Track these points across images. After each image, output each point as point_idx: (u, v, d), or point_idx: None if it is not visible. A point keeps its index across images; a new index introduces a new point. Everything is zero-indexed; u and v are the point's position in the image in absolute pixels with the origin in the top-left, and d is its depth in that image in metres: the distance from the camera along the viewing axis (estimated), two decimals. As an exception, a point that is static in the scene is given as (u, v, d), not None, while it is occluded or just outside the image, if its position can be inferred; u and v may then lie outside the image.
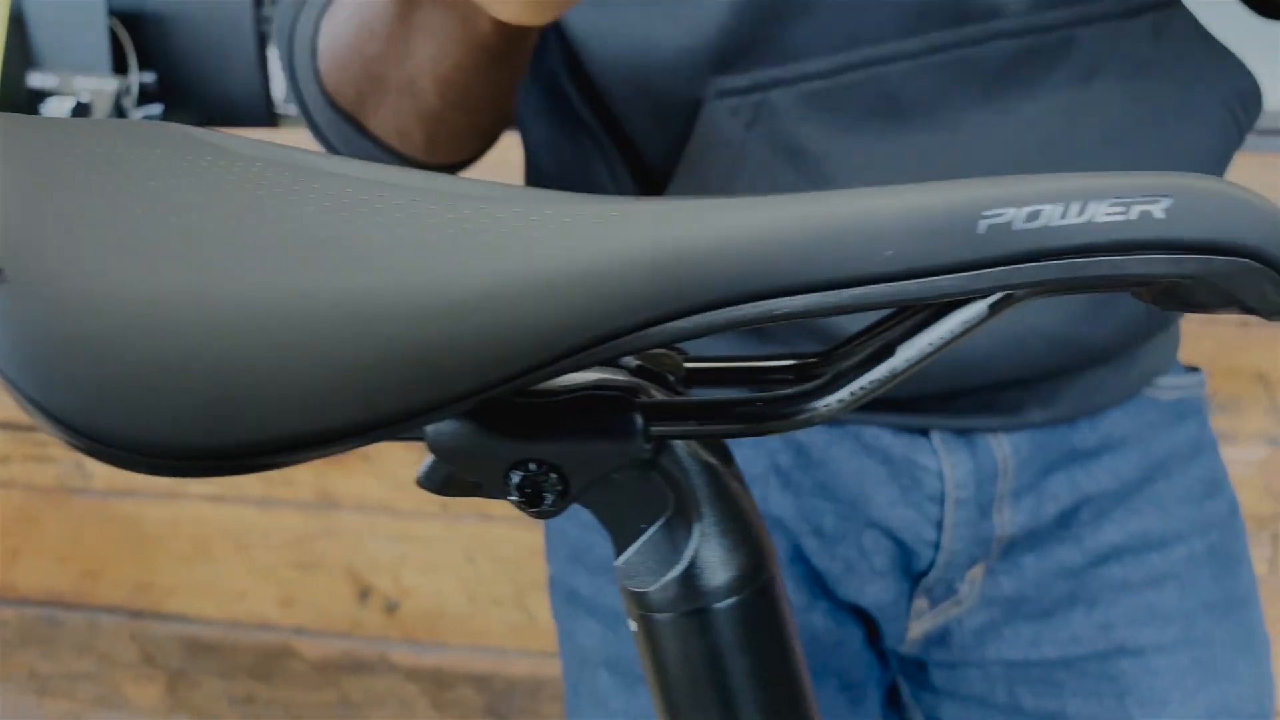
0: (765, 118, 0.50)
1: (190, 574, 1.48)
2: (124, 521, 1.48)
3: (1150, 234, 0.16)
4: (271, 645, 1.46)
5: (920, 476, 0.56)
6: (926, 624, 0.59)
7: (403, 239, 0.15)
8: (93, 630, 1.52)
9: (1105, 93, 0.51)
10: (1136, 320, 0.56)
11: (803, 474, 0.57)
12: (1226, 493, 0.63)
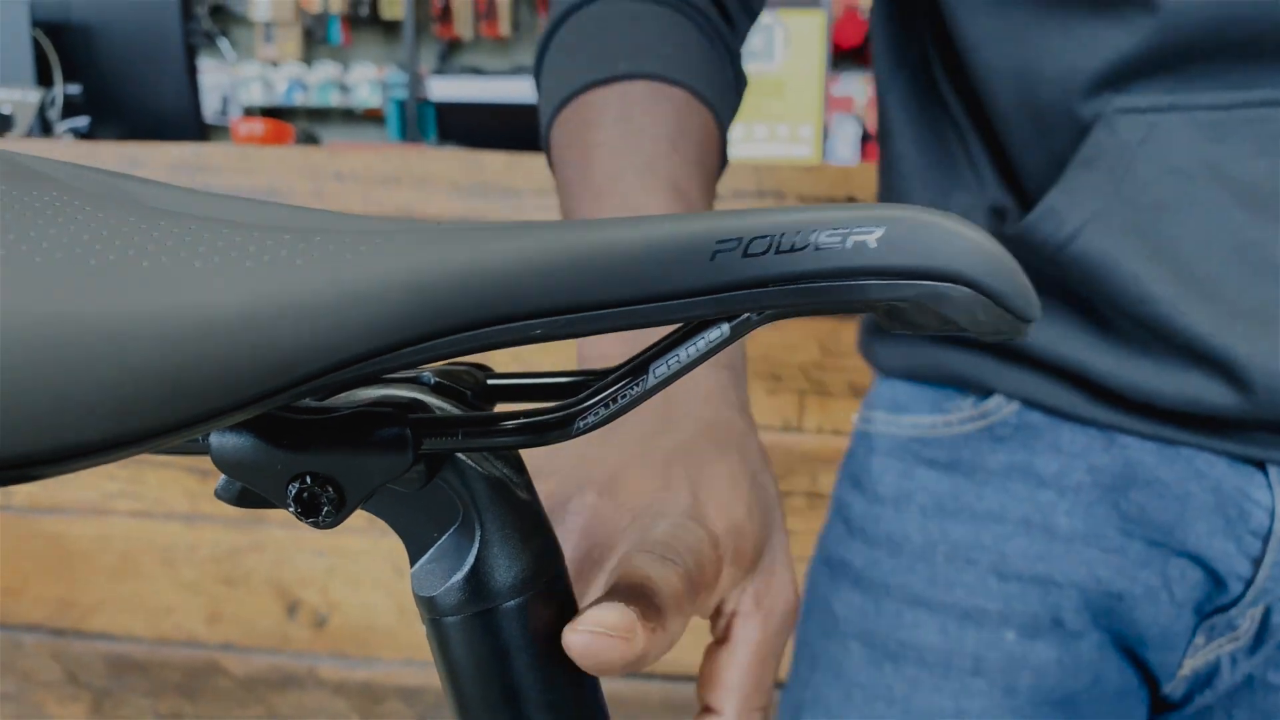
0: (1161, 136, 0.52)
1: (115, 591, 1.46)
2: (47, 538, 1.46)
3: (864, 262, 0.18)
4: (198, 662, 1.45)
5: (1249, 510, 0.55)
6: (1198, 660, 0.58)
7: (167, 266, 0.17)
8: (14, 649, 1.50)
9: None
10: None
11: (1120, 489, 0.57)
12: None
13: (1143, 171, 0.52)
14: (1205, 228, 0.52)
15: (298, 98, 3.29)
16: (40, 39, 1.61)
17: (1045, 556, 0.58)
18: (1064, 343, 0.56)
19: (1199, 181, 0.52)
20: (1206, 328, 0.51)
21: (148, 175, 0.70)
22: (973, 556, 0.59)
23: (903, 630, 0.60)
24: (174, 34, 1.64)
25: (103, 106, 1.68)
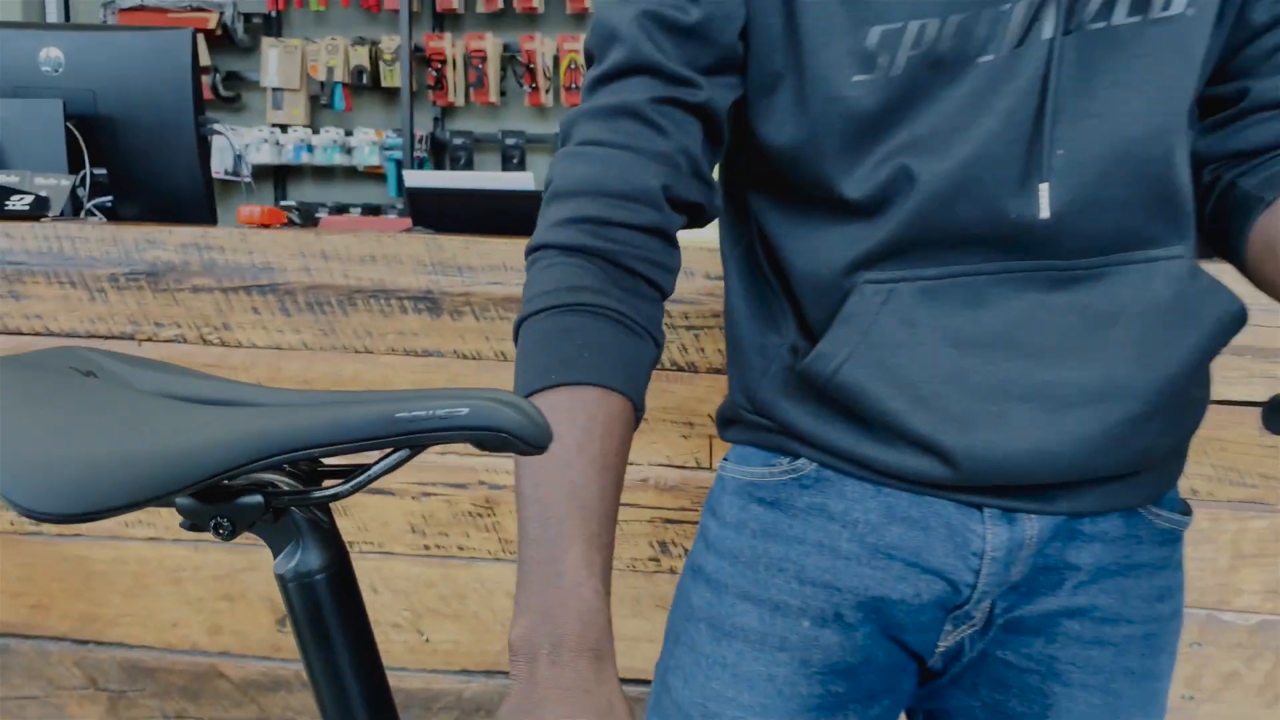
0: (895, 299, 0.74)
1: (130, 606, 1.68)
2: (72, 561, 1.68)
3: (458, 422, 0.41)
4: (201, 668, 1.67)
5: (970, 538, 0.77)
6: (948, 641, 0.81)
7: (132, 426, 0.40)
8: (42, 658, 1.72)
9: (1124, 301, 0.73)
10: (1139, 457, 0.76)
11: (886, 528, 0.79)
12: (1174, 601, 0.85)
13: (883, 323, 0.74)
14: (926, 362, 0.74)
15: (304, 157, 3.55)
16: (72, 130, 1.85)
17: (831, 570, 0.80)
18: (842, 438, 0.78)
19: (921, 330, 0.74)
20: (927, 429, 0.74)
21: (164, 253, 1.01)
22: (783, 567, 0.81)
23: (735, 617, 0.82)
24: (188, 125, 1.87)
25: (125, 187, 1.91)
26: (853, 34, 0.70)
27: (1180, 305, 0.74)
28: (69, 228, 1.61)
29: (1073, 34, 0.70)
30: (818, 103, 0.72)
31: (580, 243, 0.69)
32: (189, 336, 1.61)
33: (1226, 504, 1.46)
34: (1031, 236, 0.73)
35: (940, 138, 0.71)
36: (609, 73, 0.72)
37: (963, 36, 0.70)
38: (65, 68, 1.86)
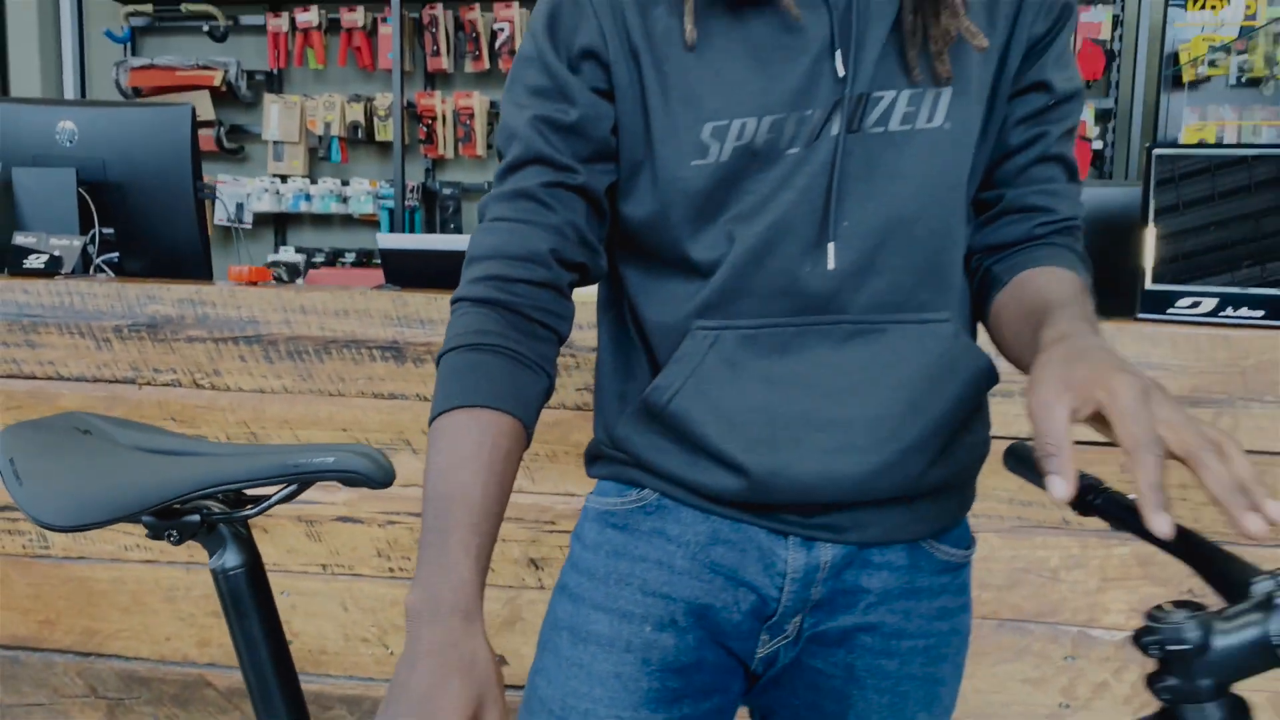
0: (721, 343, 0.90)
1: (128, 622, 1.87)
2: (76, 581, 1.87)
3: (327, 468, 0.60)
4: (190, 677, 1.85)
5: (777, 561, 0.93)
6: (766, 649, 0.96)
7: (110, 471, 0.60)
8: (47, 668, 1.90)
9: (900, 353, 0.90)
10: (910, 484, 0.91)
11: (711, 548, 0.95)
12: (954, 619, 0.99)
13: (709, 363, 0.91)
14: (741, 396, 0.91)
15: (303, 206, 3.77)
16: (83, 194, 2.06)
17: (668, 583, 0.95)
18: (674, 463, 0.95)
19: (740, 369, 0.91)
20: (731, 450, 0.90)
21: (162, 307, 1.26)
22: (629, 581, 0.95)
23: (590, 625, 0.97)
24: (187, 190, 2.08)
25: (130, 245, 2.12)
26: (691, 129, 0.89)
27: (944, 361, 0.92)
28: (79, 284, 1.82)
29: (857, 134, 0.88)
30: (665, 183, 0.90)
31: (488, 296, 0.88)
32: (183, 381, 1.81)
33: (1094, 533, 1.65)
34: (826, 296, 0.90)
35: (755, 209, 0.89)
36: (511, 164, 0.92)
37: (775, 133, 0.88)
38: (79, 138, 2.08)
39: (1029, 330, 0.86)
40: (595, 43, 0.90)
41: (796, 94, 0.88)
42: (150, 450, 0.64)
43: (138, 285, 1.82)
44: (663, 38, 0.89)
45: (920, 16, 0.88)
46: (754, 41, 0.88)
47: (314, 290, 1.82)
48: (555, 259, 0.90)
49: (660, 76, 0.89)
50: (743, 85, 0.88)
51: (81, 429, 0.66)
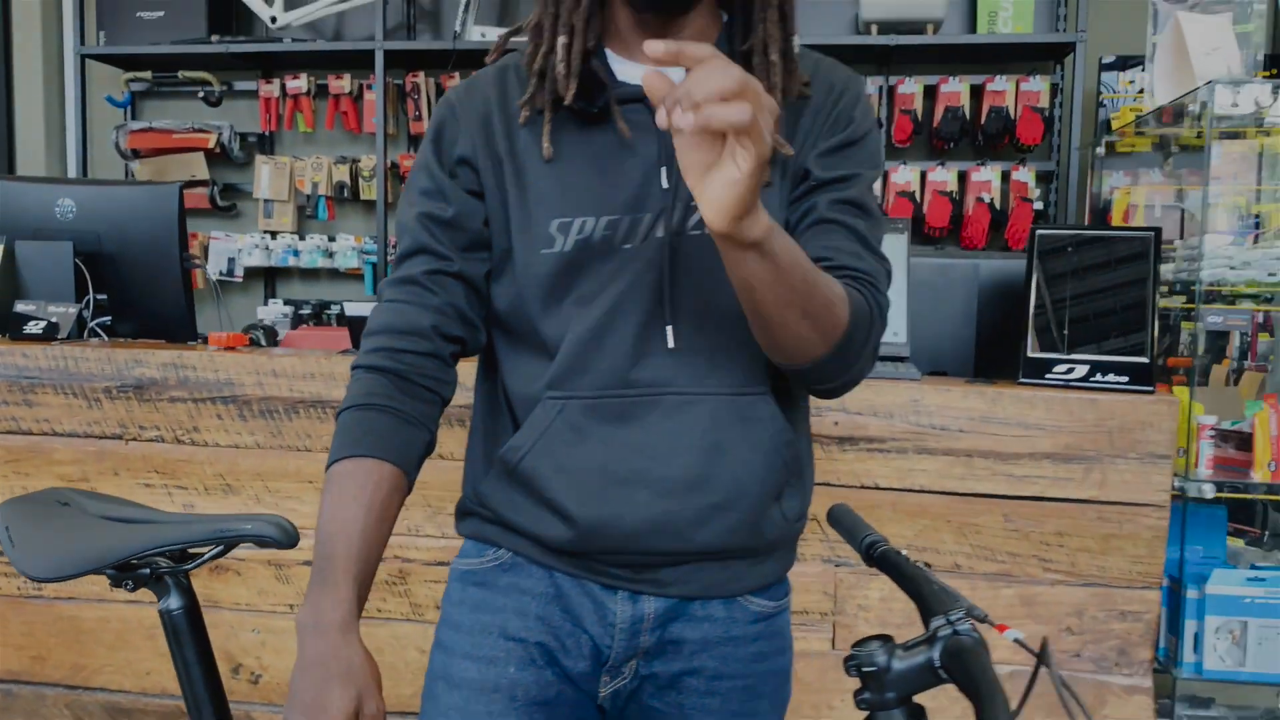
0: (566, 411, 1.02)
1: (112, 658, 2.04)
2: (65, 619, 2.04)
3: (246, 533, 0.79)
4: (169, 709, 2.01)
5: (607, 611, 1.05)
6: (607, 689, 1.08)
7: (82, 537, 0.78)
8: (38, 700, 2.07)
9: (720, 422, 1.02)
10: (722, 537, 1.03)
11: (555, 601, 1.07)
12: (771, 661, 1.11)
13: (556, 427, 1.05)
14: (582, 456, 1.02)
15: (292, 260, 3.98)
16: (79, 264, 2.24)
17: (524, 628, 1.06)
18: (521, 516, 1.06)
19: (583, 433, 1.04)
20: (572, 505, 1.02)
21: (147, 370, 1.51)
22: (490, 630, 1.07)
23: (461, 672, 1.07)
24: (175, 260, 2.26)
25: (122, 309, 2.29)
26: (541, 224, 1.03)
27: (756, 428, 1.04)
28: (73, 349, 2.01)
29: (680, 235, 1.02)
30: (521, 268, 1.05)
31: (379, 364, 1.04)
32: (166, 437, 2.00)
33: (982, 576, 1.83)
34: (659, 371, 1.02)
35: (593, 295, 1.03)
36: (402, 254, 1.09)
37: (611, 230, 1.02)
38: (76, 213, 2.27)
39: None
40: (468, 153, 1.07)
41: (630, 200, 1.03)
42: (114, 519, 0.82)
43: (126, 350, 2.01)
44: (524, 150, 1.05)
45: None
46: (598, 154, 1.04)
47: (284, 355, 2.01)
48: (437, 334, 1.06)
49: (519, 181, 1.05)
50: (586, 190, 1.04)
51: (62, 502, 0.84)
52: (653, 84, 0.79)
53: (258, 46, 3.83)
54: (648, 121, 1.02)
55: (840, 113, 1.08)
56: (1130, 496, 1.77)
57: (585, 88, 1.04)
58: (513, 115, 1.07)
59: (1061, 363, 1.83)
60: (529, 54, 1.07)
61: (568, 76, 1.02)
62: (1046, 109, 3.50)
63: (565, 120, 1.05)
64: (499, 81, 1.09)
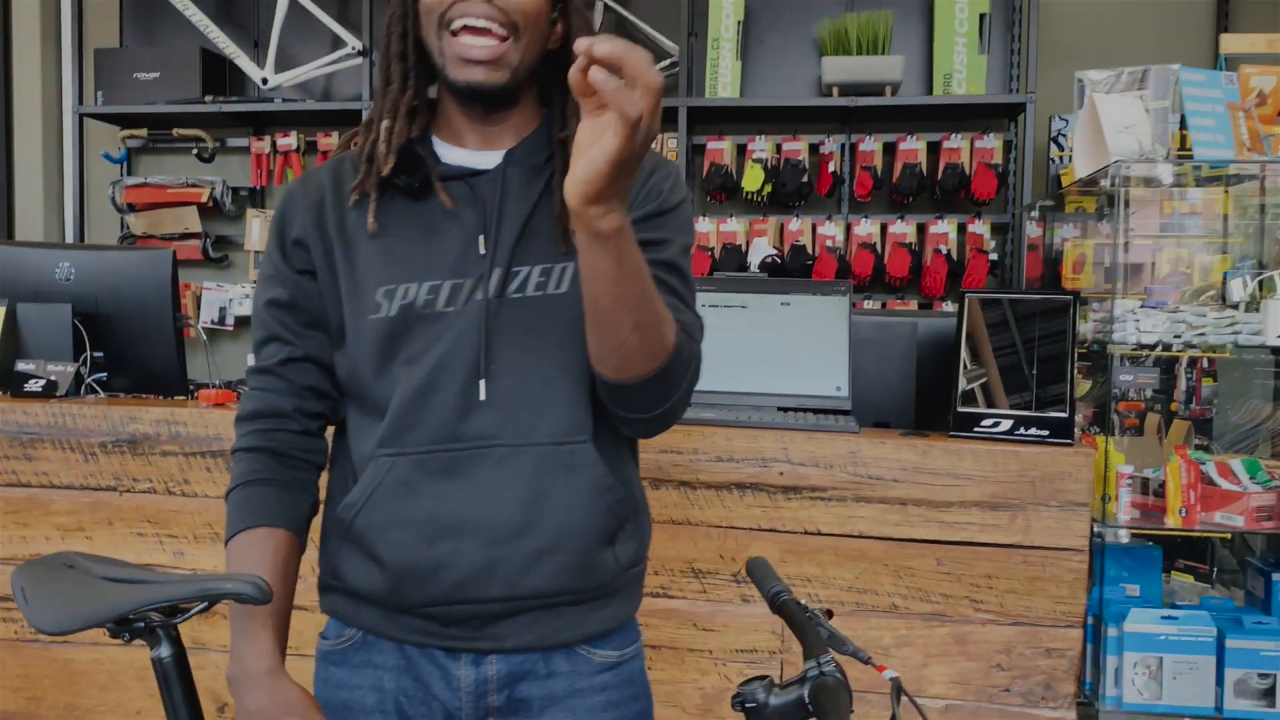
0: (396, 467, 1.09)
1: (105, 699, 2.16)
2: (60, 662, 2.16)
3: (227, 591, 0.93)
4: (157, 747, 2.13)
5: (452, 677, 1.13)
6: None
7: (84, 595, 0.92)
8: (34, 739, 2.18)
9: (545, 470, 1.09)
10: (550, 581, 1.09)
11: (406, 672, 1.15)
12: (621, 709, 1.16)
13: (387, 483, 1.10)
14: (412, 509, 1.09)
15: (279, 309, 4.12)
16: (78, 325, 2.38)
17: (380, 701, 1.14)
18: (361, 578, 1.13)
19: (413, 487, 1.10)
20: (397, 556, 1.09)
21: (141, 426, 1.70)
22: (352, 706, 1.16)
23: None
24: (168, 320, 2.39)
25: (117, 366, 2.42)
26: (369, 292, 1.11)
27: (579, 474, 1.11)
28: (71, 406, 2.15)
29: (501, 299, 1.10)
30: (353, 335, 1.14)
31: (254, 444, 1.17)
32: (158, 489, 2.13)
33: (918, 616, 1.96)
34: (483, 425, 1.09)
35: (418, 356, 1.10)
36: (256, 343, 1.20)
37: (433, 295, 1.10)
38: (75, 277, 2.41)
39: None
40: (301, 235, 1.17)
41: (451, 266, 1.12)
42: (113, 579, 0.96)
43: (121, 407, 2.15)
44: (353, 228, 1.15)
45: (553, 210, 1.14)
46: (421, 226, 1.14)
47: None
48: (300, 414, 1.19)
49: (348, 256, 1.15)
50: (409, 259, 1.13)
51: (68, 564, 0.98)
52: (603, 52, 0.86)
53: (250, 106, 3.99)
54: (469, 195, 1.13)
55: (651, 188, 1.18)
56: (1052, 541, 1.92)
57: (408, 166, 1.13)
58: (344, 199, 1.16)
59: (988, 417, 1.98)
60: (360, 145, 1.17)
61: (387, 154, 1.12)
62: (1000, 165, 3.68)
63: (392, 198, 1.14)
64: (334, 171, 1.20)
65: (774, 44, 3.92)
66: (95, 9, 4.27)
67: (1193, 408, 3.40)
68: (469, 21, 1.09)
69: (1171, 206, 2.55)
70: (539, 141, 1.19)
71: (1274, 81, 2.15)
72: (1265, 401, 3.31)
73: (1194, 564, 3.18)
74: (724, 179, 3.77)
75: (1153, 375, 2.28)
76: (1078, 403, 2.76)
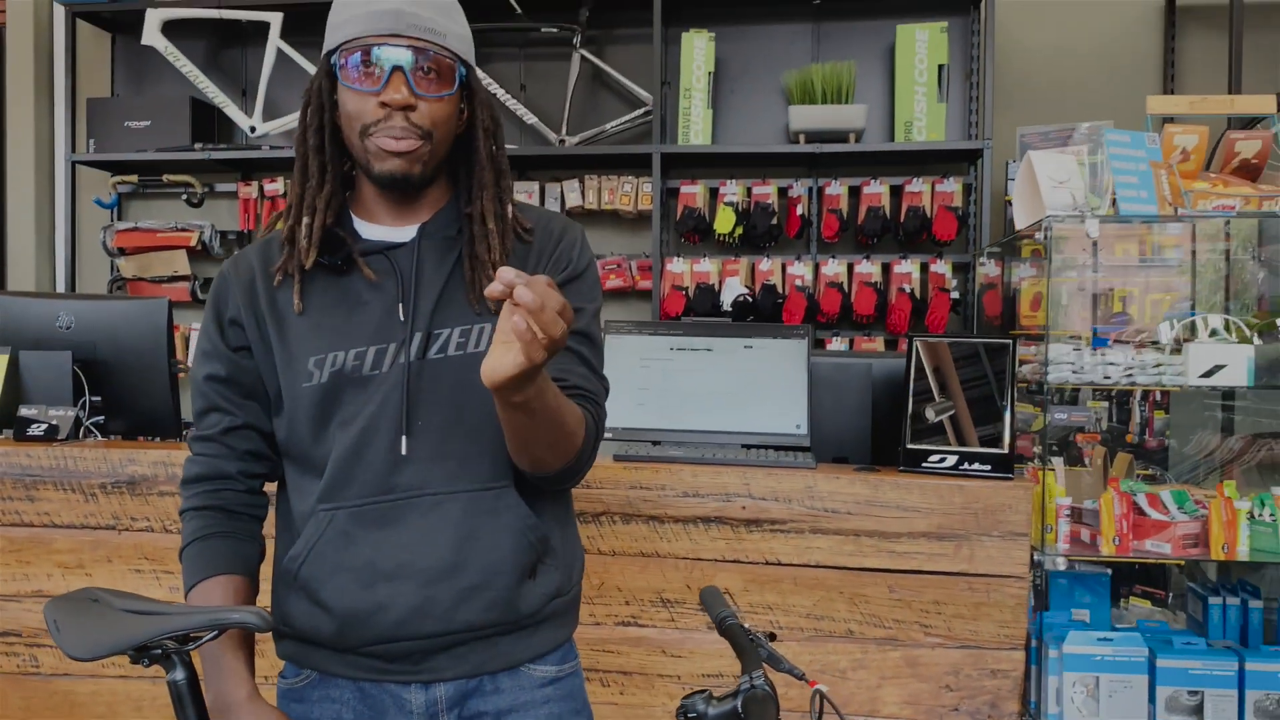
0: (335, 520, 1.19)
1: (102, 728, 2.26)
2: (60, 694, 2.26)
3: (234, 620, 1.05)
4: (153, 774, 2.23)
5: (404, 701, 1.22)
6: None
7: (107, 625, 1.04)
8: (35, 769, 2.27)
9: (471, 514, 1.18)
10: (481, 614, 1.18)
11: (362, 702, 1.24)
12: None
13: (328, 535, 1.21)
14: (351, 557, 1.18)
15: (267, 349, 4.24)
16: (77, 371, 2.50)
17: None
18: (308, 622, 1.21)
19: (352, 537, 1.20)
20: (340, 601, 1.19)
21: (139, 468, 1.84)
22: None
23: None
24: (163, 366, 2.51)
25: (115, 409, 2.53)
26: (301, 361, 1.22)
27: (504, 516, 1.21)
28: (72, 450, 2.26)
29: (423, 360, 1.20)
30: (289, 402, 1.24)
31: (201, 504, 1.28)
32: (155, 528, 2.24)
33: (872, 640, 2.09)
34: (410, 477, 1.19)
35: (350, 417, 1.21)
36: (197, 413, 1.31)
37: (359, 361, 1.21)
38: (75, 325, 2.53)
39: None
40: (236, 314, 1.28)
41: (374, 333, 1.23)
42: (133, 611, 1.08)
43: (120, 450, 2.26)
44: (283, 305, 1.26)
45: (465, 277, 1.25)
46: (345, 299, 1.25)
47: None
48: (243, 475, 1.31)
49: (280, 330, 1.25)
50: (337, 328, 1.24)
51: (93, 599, 1.10)
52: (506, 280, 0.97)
53: (238, 153, 4.13)
54: (388, 268, 1.25)
55: (560, 254, 1.30)
56: (995, 569, 2.06)
57: (330, 247, 1.25)
58: (272, 278, 1.27)
59: (935, 453, 2.12)
60: (284, 228, 1.28)
61: (308, 249, 1.23)
62: (960, 207, 3.85)
63: (316, 274, 1.26)
64: (263, 252, 1.31)
65: (743, 93, 4.10)
66: (87, 60, 4.42)
67: (1147, 439, 3.57)
68: (390, 134, 1.20)
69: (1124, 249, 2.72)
70: (449, 215, 1.30)
71: (1195, 139, 2.32)
72: (1214, 433, 3.48)
73: (1151, 589, 3.34)
74: (697, 221, 3.92)
75: (1085, 413, 2.43)
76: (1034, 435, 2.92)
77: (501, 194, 1.29)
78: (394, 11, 1.19)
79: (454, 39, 1.24)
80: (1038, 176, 2.23)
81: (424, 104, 1.21)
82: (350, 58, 1.21)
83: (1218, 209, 2.20)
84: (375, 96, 1.19)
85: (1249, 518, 2.17)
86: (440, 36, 1.22)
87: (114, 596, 1.12)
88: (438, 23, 1.22)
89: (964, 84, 3.95)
